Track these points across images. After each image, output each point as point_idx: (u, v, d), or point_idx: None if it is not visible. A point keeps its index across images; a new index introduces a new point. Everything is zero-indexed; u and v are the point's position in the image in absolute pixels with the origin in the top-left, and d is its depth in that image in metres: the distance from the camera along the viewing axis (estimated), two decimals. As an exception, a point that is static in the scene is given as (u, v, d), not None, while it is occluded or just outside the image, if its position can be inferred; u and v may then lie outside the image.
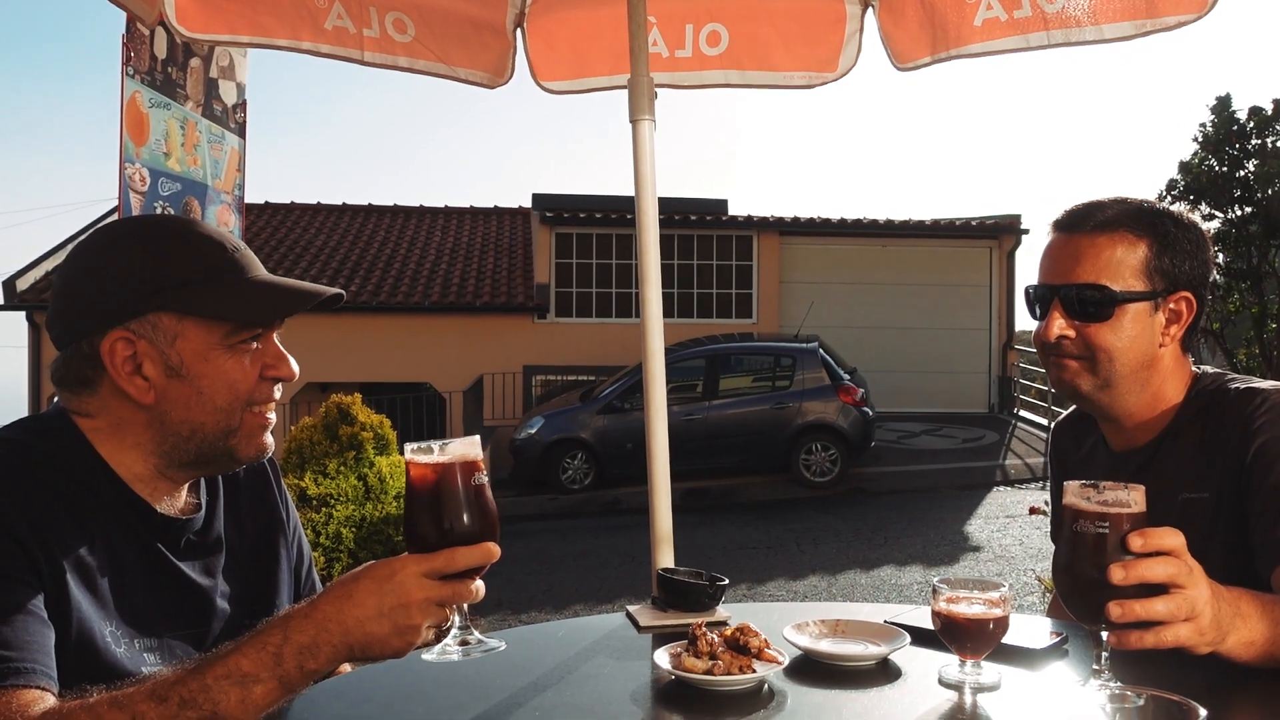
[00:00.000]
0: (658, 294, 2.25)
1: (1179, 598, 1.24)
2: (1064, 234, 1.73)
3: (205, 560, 1.47)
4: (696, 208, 19.82)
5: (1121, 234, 1.68)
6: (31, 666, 1.15)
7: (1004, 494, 12.61)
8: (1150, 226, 1.68)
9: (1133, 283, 1.66)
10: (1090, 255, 1.67)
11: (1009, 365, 19.44)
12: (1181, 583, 1.24)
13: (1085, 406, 1.80)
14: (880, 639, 1.52)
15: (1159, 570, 1.23)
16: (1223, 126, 15.76)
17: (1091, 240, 1.68)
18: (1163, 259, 1.67)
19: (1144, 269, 1.67)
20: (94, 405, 1.37)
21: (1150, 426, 1.74)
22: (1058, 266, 1.71)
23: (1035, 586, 7.66)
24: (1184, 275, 1.68)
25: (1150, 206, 1.72)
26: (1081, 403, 1.78)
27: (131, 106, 3.82)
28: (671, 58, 2.70)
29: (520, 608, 7.77)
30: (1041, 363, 1.81)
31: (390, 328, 18.13)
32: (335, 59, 2.51)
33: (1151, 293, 1.67)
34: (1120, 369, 1.68)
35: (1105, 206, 1.71)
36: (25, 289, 17.00)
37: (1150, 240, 1.67)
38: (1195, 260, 1.69)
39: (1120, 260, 1.66)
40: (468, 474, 1.28)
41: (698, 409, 13.69)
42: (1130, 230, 1.68)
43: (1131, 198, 1.74)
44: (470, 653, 1.31)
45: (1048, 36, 2.30)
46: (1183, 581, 1.24)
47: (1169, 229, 1.69)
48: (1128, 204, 1.72)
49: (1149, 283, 1.67)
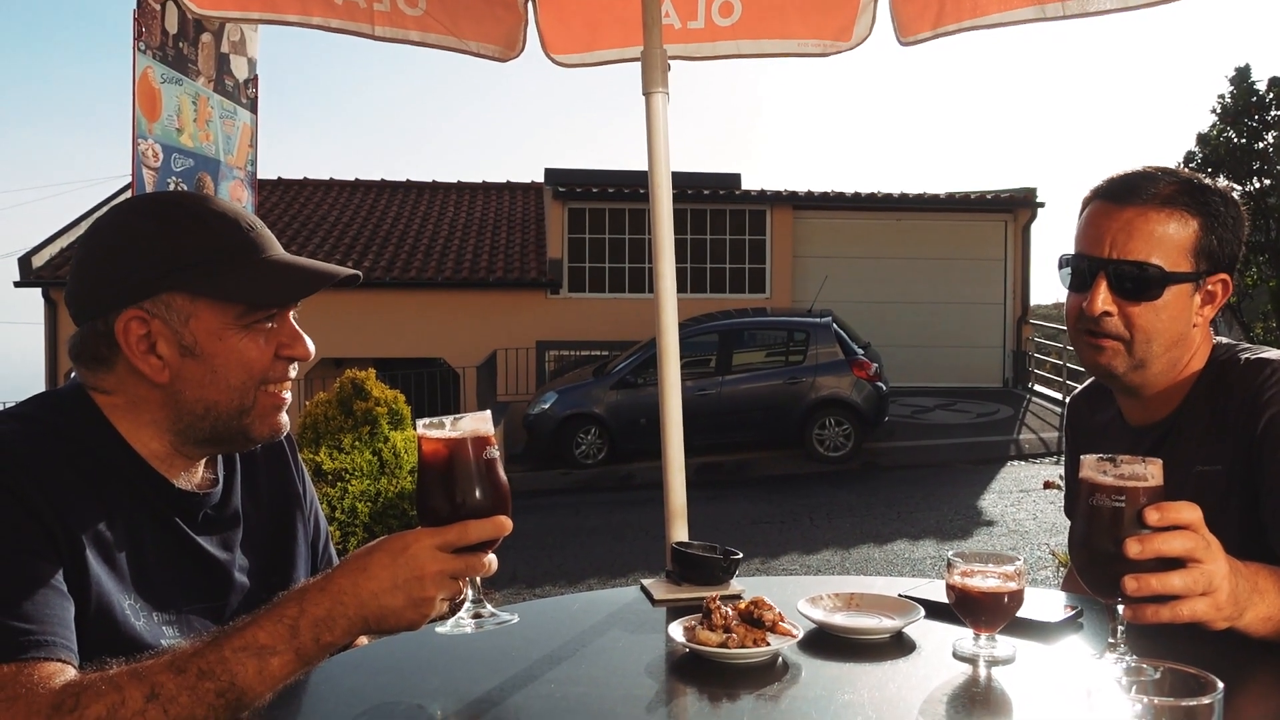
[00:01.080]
0: (671, 269, 2.24)
1: (1195, 572, 1.23)
2: (1112, 204, 1.65)
3: (223, 535, 1.48)
4: (709, 182, 19.74)
5: (1176, 211, 1.61)
6: (52, 640, 1.16)
7: (1018, 468, 12.59)
8: (1204, 204, 1.62)
9: (1181, 263, 1.61)
10: (1143, 231, 1.60)
11: (1024, 340, 19.36)
12: (1199, 557, 1.23)
13: (1112, 384, 1.75)
14: (894, 612, 1.52)
15: (1176, 544, 1.22)
16: (1242, 98, 15.61)
17: (1144, 215, 1.61)
18: (1210, 239, 1.62)
19: (1192, 249, 1.61)
20: (110, 382, 1.38)
21: (1169, 401, 1.70)
22: (1107, 238, 1.63)
23: (1049, 560, 7.66)
24: (1226, 257, 1.64)
25: (1199, 182, 1.66)
26: (1111, 382, 1.73)
27: (143, 82, 3.82)
28: (684, 29, 2.68)
29: (534, 582, 7.81)
30: (1071, 338, 1.74)
31: (404, 303, 18.15)
32: (346, 33, 2.49)
33: (1195, 274, 1.62)
34: (1156, 350, 1.63)
35: (1157, 179, 1.64)
36: (41, 265, 17.09)
37: (1202, 219, 1.61)
38: (1236, 241, 1.65)
39: (1173, 238, 1.60)
40: (479, 448, 1.29)
41: (711, 384, 13.68)
42: (1185, 207, 1.61)
43: (1178, 169, 1.68)
44: (484, 625, 1.32)
45: (1063, 7, 2.27)
46: (1200, 556, 1.23)
47: (1219, 208, 1.63)
48: (1179, 177, 1.65)
49: (1194, 263, 1.62)
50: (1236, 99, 15.57)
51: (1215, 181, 1.70)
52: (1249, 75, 15.56)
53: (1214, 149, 15.63)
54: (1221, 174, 15.32)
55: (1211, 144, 15.73)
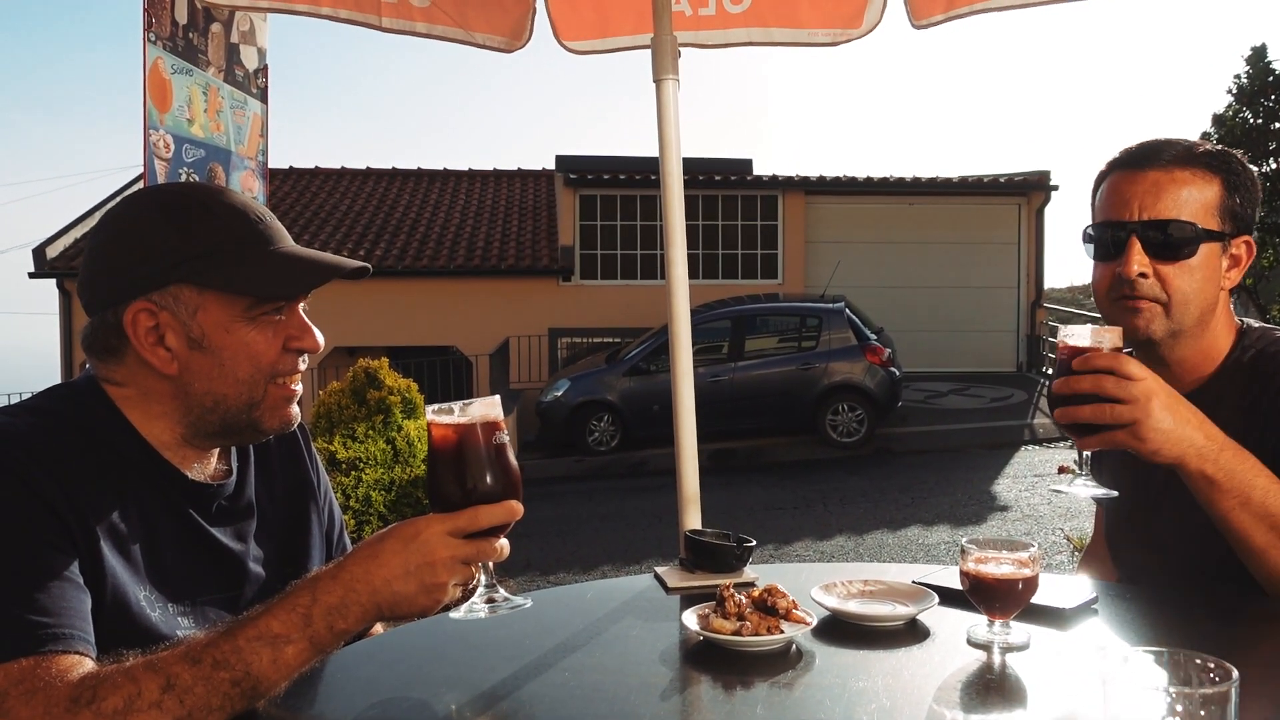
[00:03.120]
0: (683, 255, 2.23)
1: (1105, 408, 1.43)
2: (1133, 170, 1.64)
3: (237, 526, 1.49)
4: (721, 168, 19.69)
5: (1199, 170, 1.61)
6: (69, 632, 1.17)
7: (1032, 453, 12.55)
8: (1223, 164, 1.63)
9: (1210, 221, 1.61)
10: (1170, 190, 1.60)
11: (1038, 324, 19.28)
12: (1110, 393, 1.42)
13: (1146, 353, 1.71)
14: (908, 599, 1.52)
15: (1084, 382, 1.44)
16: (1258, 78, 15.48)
17: (1170, 174, 1.61)
18: (1234, 198, 1.62)
19: (1218, 208, 1.61)
20: (122, 373, 1.38)
21: (1195, 370, 1.69)
22: (1135, 202, 1.62)
23: (1064, 545, 7.64)
24: (1247, 218, 1.64)
25: (1214, 147, 1.66)
26: (1146, 349, 1.69)
27: (154, 73, 3.82)
28: (695, 16, 2.67)
29: (548, 569, 7.84)
30: (1103, 309, 1.72)
31: (416, 292, 18.19)
32: (354, 24, 2.49)
33: (1222, 234, 1.62)
34: (1192, 313, 1.63)
35: (1174, 143, 1.64)
36: (55, 256, 17.18)
37: (1224, 178, 1.62)
38: (1254, 204, 1.65)
39: (1199, 197, 1.60)
40: (489, 434, 1.29)
41: (724, 370, 13.68)
42: (1207, 167, 1.62)
43: (1190, 139, 1.68)
44: (497, 610, 1.32)
45: None
46: (1111, 392, 1.41)
47: (1238, 168, 1.64)
48: (1194, 142, 1.65)
49: (1220, 223, 1.62)
50: (1252, 79, 15.44)
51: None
52: (1265, 55, 15.43)
53: (1230, 130, 15.51)
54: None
55: (1227, 125, 15.61)
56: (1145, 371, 1.43)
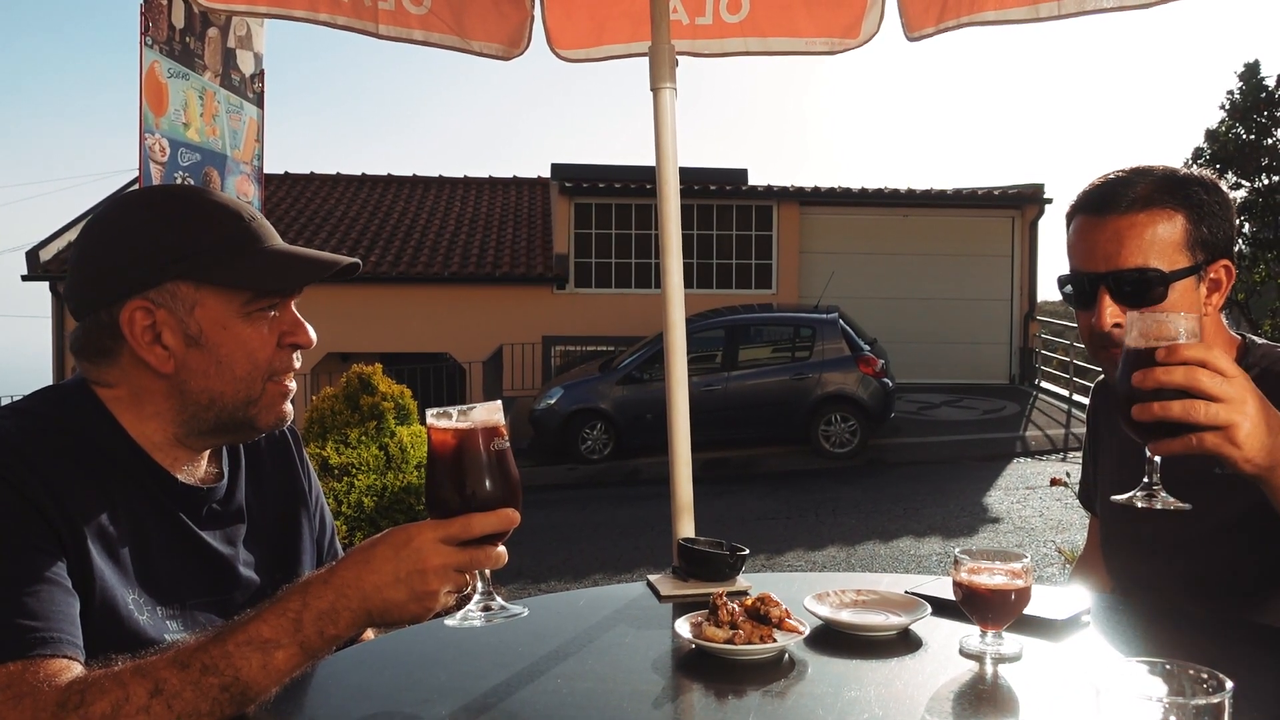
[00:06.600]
0: (679, 264, 2.23)
1: (1200, 404, 1.23)
2: (1094, 216, 1.64)
3: (227, 530, 1.48)
4: (716, 177, 19.72)
5: (1158, 210, 1.60)
6: (58, 636, 1.16)
7: (1024, 465, 12.56)
8: (1184, 197, 1.61)
9: (1178, 259, 1.59)
10: (1132, 237, 1.59)
11: (1030, 336, 19.33)
12: (1204, 389, 1.23)
13: None
14: (901, 609, 1.52)
15: (1176, 376, 1.23)
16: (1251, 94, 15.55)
17: (1130, 221, 1.60)
18: (1200, 229, 1.60)
19: (1185, 242, 1.60)
20: (114, 375, 1.38)
21: None
22: (1099, 252, 1.62)
23: (1055, 558, 7.64)
24: (1220, 242, 1.63)
25: (1176, 174, 1.64)
26: None
27: (150, 77, 3.82)
28: (692, 25, 2.68)
29: (540, 577, 7.82)
30: (1093, 356, 1.71)
31: (410, 298, 18.18)
32: (350, 31, 2.49)
33: (1195, 266, 1.60)
34: None
35: (1132, 183, 1.62)
36: (48, 259, 17.14)
37: (1186, 211, 1.60)
38: (1227, 224, 1.63)
39: (1163, 237, 1.59)
40: (489, 439, 1.27)
41: (717, 380, 13.68)
42: (1166, 204, 1.60)
43: (1153, 165, 1.66)
44: (492, 618, 1.30)
45: (1059, 6, 2.25)
46: (1206, 389, 1.23)
47: (1201, 196, 1.62)
48: (1153, 174, 1.63)
49: (1191, 256, 1.60)
50: (1246, 95, 15.50)
51: (1195, 171, 1.68)
52: (1258, 71, 15.49)
53: (1223, 145, 15.56)
54: (1231, 170, 15.26)
55: (1220, 140, 15.66)
56: (1238, 368, 1.28)
